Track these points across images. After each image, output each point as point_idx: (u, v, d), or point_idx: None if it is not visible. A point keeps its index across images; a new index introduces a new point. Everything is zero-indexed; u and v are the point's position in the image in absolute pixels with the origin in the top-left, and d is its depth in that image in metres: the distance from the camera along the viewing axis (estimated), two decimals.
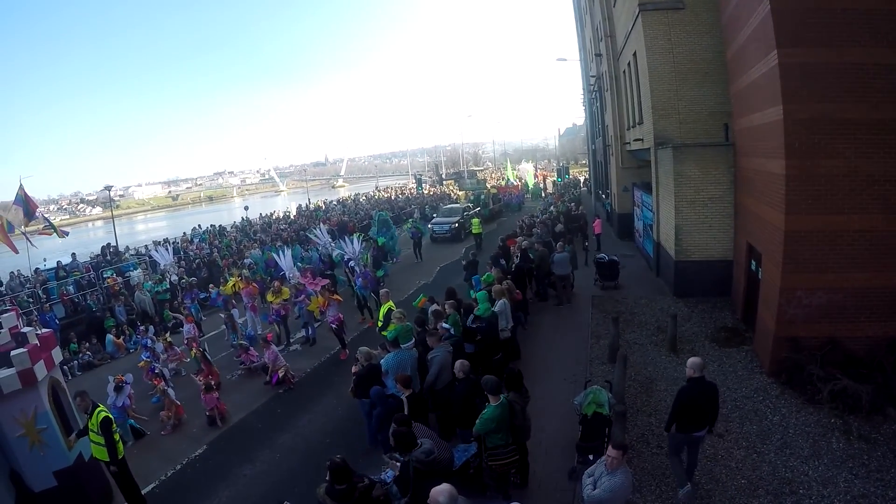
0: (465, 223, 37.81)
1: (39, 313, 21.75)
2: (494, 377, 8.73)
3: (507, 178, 67.33)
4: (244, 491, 10.95)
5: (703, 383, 8.74)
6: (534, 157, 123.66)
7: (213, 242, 37.06)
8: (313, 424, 13.27)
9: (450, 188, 67.15)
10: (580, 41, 51.23)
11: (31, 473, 10.00)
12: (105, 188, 50.09)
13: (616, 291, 20.43)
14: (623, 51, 26.52)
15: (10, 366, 9.59)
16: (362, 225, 35.04)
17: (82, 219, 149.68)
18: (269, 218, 50.18)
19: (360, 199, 63.35)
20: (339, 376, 15.49)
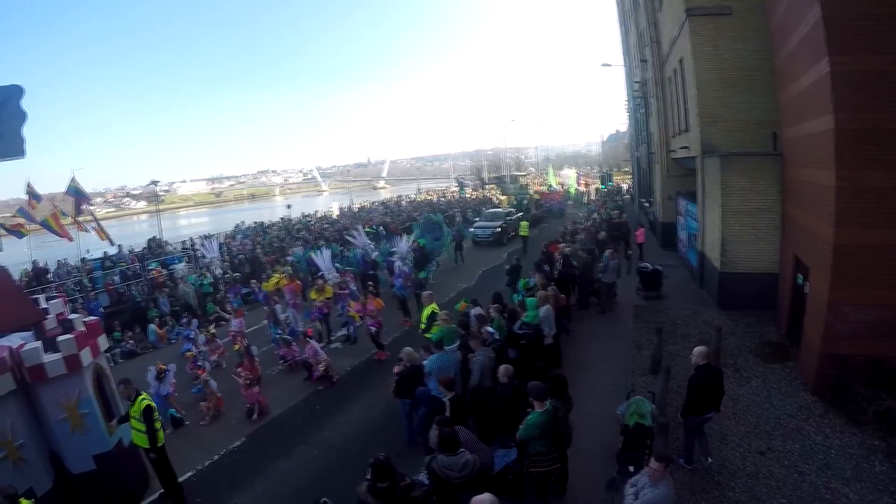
0: (507, 228, 37.69)
1: (85, 301, 22.29)
2: (540, 383, 8.70)
3: (549, 183, 66.96)
4: (280, 485, 11.09)
5: (710, 369, 9.83)
6: (576, 163, 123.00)
7: (256, 239, 37.42)
8: (352, 422, 13.35)
9: (492, 192, 66.86)
10: (624, 46, 50.83)
11: (70, 456, 10.26)
12: (151, 183, 50.94)
13: (659, 302, 20.10)
14: (669, 56, 26.14)
15: (56, 351, 9.85)
16: (404, 227, 35.05)
17: (127, 212, 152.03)
18: (312, 216, 50.57)
19: (402, 201, 63.36)
20: (379, 376, 15.59)
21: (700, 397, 9.68)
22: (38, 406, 10.06)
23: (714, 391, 9.76)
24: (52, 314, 11.63)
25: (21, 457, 9.52)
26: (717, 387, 9.78)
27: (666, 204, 29.40)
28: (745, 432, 11.10)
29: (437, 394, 10.23)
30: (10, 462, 9.32)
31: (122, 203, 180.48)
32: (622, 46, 51.94)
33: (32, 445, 9.83)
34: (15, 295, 11.19)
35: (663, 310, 19.05)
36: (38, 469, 9.86)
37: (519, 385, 9.57)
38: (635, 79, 41.00)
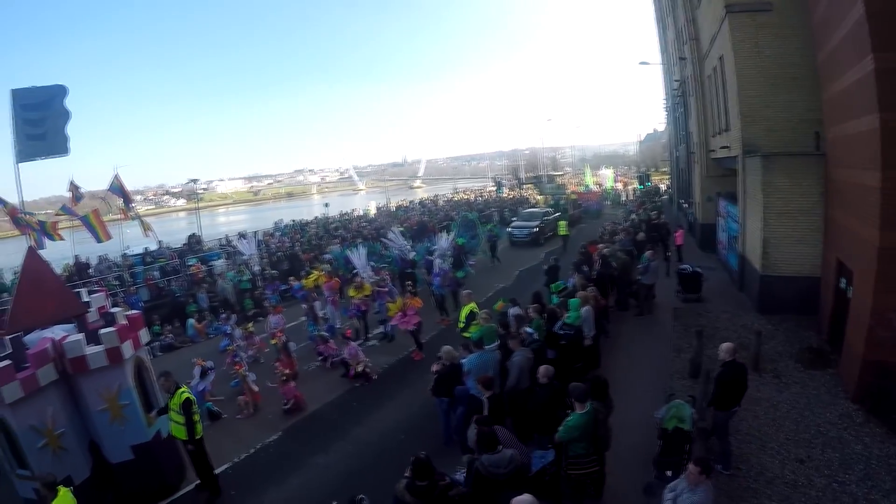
0: (545, 228, 37.52)
1: (125, 295, 22.65)
2: (582, 384, 8.64)
3: (586, 183, 66.60)
4: (316, 480, 11.14)
5: (736, 365, 9.87)
6: (613, 162, 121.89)
7: (295, 237, 37.74)
8: (388, 420, 13.38)
9: (529, 192, 66.65)
10: (662, 44, 50.28)
11: (109, 445, 10.47)
12: (190, 181, 51.56)
13: (698, 304, 19.78)
14: (708, 54, 25.74)
15: (98, 343, 10.03)
16: (441, 226, 35.10)
17: (166, 209, 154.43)
18: (350, 215, 50.83)
19: (439, 200, 63.46)
20: (416, 374, 15.61)
21: (727, 393, 9.83)
22: (79, 396, 10.27)
23: (739, 386, 9.91)
24: (94, 308, 11.84)
25: (61, 445, 9.72)
26: (742, 382, 9.91)
27: (705, 205, 29.05)
28: (783, 439, 10.90)
29: (475, 393, 10.21)
30: (50, 450, 9.52)
31: (162, 201, 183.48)
32: (660, 44, 51.41)
33: (72, 434, 10.03)
34: (57, 288, 11.37)
35: (703, 313, 18.75)
36: (77, 458, 10.07)
37: (558, 386, 9.53)
38: (674, 77, 40.41)
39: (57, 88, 11.98)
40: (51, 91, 11.87)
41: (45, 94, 11.88)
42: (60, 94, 11.92)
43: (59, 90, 11.97)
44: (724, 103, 22.50)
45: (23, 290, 10.67)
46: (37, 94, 11.87)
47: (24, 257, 11.18)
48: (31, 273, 10.89)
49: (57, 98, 11.89)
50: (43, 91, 11.93)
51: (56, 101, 11.86)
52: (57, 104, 11.88)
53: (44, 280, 11.03)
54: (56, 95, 11.88)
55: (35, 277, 10.87)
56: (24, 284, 10.79)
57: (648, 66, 41.29)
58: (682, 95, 35.79)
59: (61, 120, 11.86)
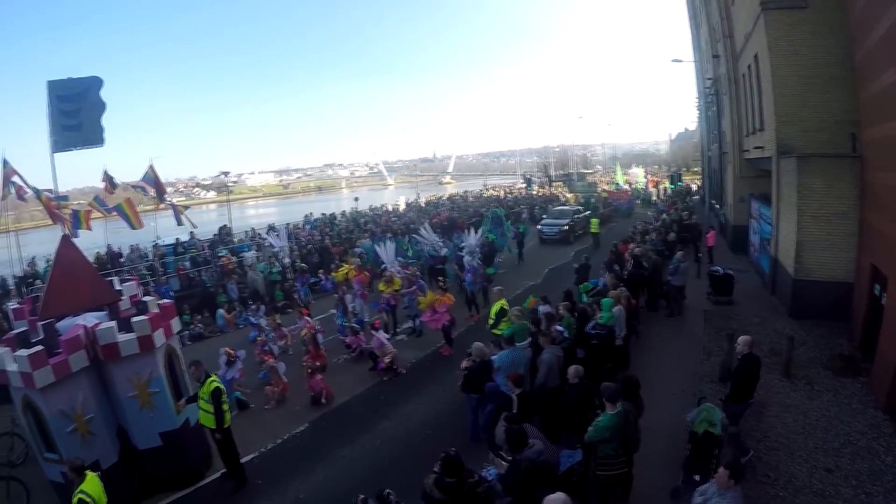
0: (575, 226, 37.34)
1: (156, 285, 22.95)
2: (614, 384, 8.57)
3: (616, 182, 66.20)
4: (342, 472, 11.19)
5: (753, 358, 10.10)
6: (643, 161, 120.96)
7: (325, 230, 38.00)
8: (415, 414, 13.40)
9: (559, 190, 66.33)
10: (695, 41, 49.63)
11: (137, 432, 10.65)
12: (221, 174, 52.14)
13: (729, 307, 19.51)
14: (743, 52, 25.28)
15: (130, 331, 10.18)
16: (471, 222, 35.03)
17: (197, 201, 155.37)
18: (380, 209, 51.01)
19: (468, 197, 63.42)
20: (444, 369, 15.66)
21: (745, 386, 10.06)
22: (110, 383, 10.44)
23: (755, 378, 10.17)
24: (126, 296, 12.05)
25: (90, 430, 9.90)
26: (756, 374, 10.17)
27: (738, 206, 28.49)
28: (812, 448, 10.73)
29: (505, 390, 10.19)
30: (79, 435, 9.69)
31: (193, 192, 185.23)
32: (692, 41, 50.76)
33: (101, 420, 10.22)
34: (90, 276, 11.54)
35: (734, 316, 18.51)
36: (105, 443, 10.26)
37: (588, 386, 9.48)
38: (706, 75, 39.80)
39: (92, 80, 12.11)
40: (86, 82, 11.99)
41: (80, 86, 12.00)
42: (96, 86, 12.04)
43: (95, 81, 12.09)
44: (759, 102, 22.11)
45: (56, 278, 10.85)
46: (72, 85, 12.00)
47: (57, 245, 11.35)
48: (64, 261, 11.07)
49: (92, 89, 12.00)
50: (78, 82, 12.06)
51: (91, 93, 11.98)
52: (92, 95, 11.99)
53: (77, 268, 11.21)
54: (91, 87, 12.00)
55: (68, 265, 11.05)
56: (57, 272, 10.96)
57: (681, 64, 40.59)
58: (716, 94, 35.17)
59: (97, 111, 11.97)
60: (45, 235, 19.05)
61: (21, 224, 23.97)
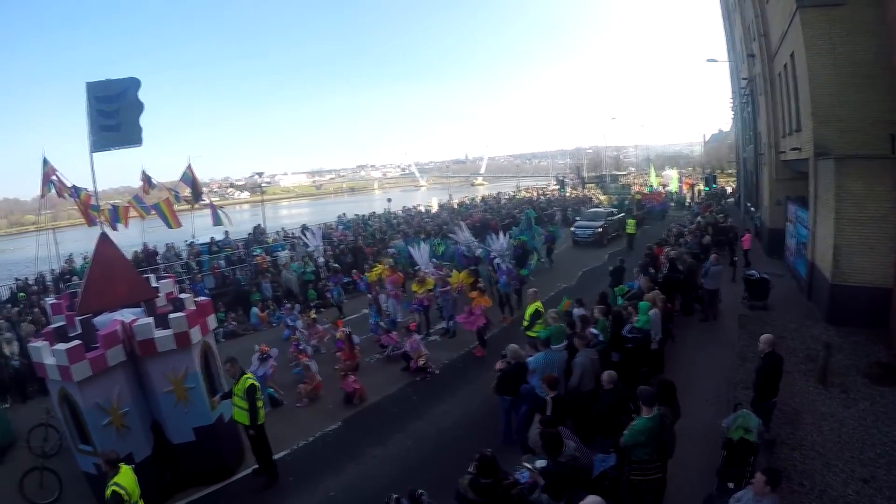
0: (608, 228, 37.02)
1: (191, 283, 23.30)
2: (651, 388, 8.48)
3: (650, 184, 65.71)
4: (373, 471, 11.22)
5: (775, 356, 10.27)
6: (677, 163, 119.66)
7: (358, 230, 38.20)
8: (447, 415, 13.41)
9: (591, 192, 65.98)
10: (729, 40, 48.72)
11: (172, 427, 10.83)
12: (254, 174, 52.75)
13: (764, 312, 19.15)
14: (778, 51, 24.74)
15: (167, 327, 10.33)
16: (504, 224, 34.96)
17: (230, 202, 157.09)
18: (412, 210, 51.29)
19: (501, 198, 63.33)
20: (476, 371, 15.62)
21: (768, 384, 10.20)
22: (145, 378, 10.63)
23: (777, 377, 10.28)
24: (163, 293, 12.28)
25: (125, 424, 10.10)
26: (779, 373, 10.31)
27: (774, 209, 28.08)
28: (848, 457, 10.51)
29: (539, 392, 10.16)
30: (113, 428, 9.89)
31: (227, 193, 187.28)
32: (726, 40, 49.83)
33: (136, 414, 10.42)
34: (128, 273, 11.74)
35: (770, 321, 18.08)
36: (139, 436, 10.45)
37: (623, 389, 9.40)
38: (741, 75, 39.11)
39: (130, 81, 12.24)
40: (124, 83, 12.12)
41: (118, 87, 12.14)
42: (134, 87, 12.17)
43: (133, 82, 12.23)
44: (795, 103, 21.67)
45: (94, 274, 11.07)
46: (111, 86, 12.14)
47: (96, 242, 11.55)
48: (102, 258, 11.28)
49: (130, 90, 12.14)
50: (117, 83, 12.20)
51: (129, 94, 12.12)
52: (130, 96, 12.13)
53: (115, 265, 11.43)
54: (129, 88, 12.13)
55: (107, 262, 11.27)
56: (95, 269, 11.17)
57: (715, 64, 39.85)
58: (751, 94, 34.72)
59: (135, 111, 12.10)
60: (80, 233, 19.49)
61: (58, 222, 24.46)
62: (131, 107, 11.99)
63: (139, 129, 12.15)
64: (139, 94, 12.17)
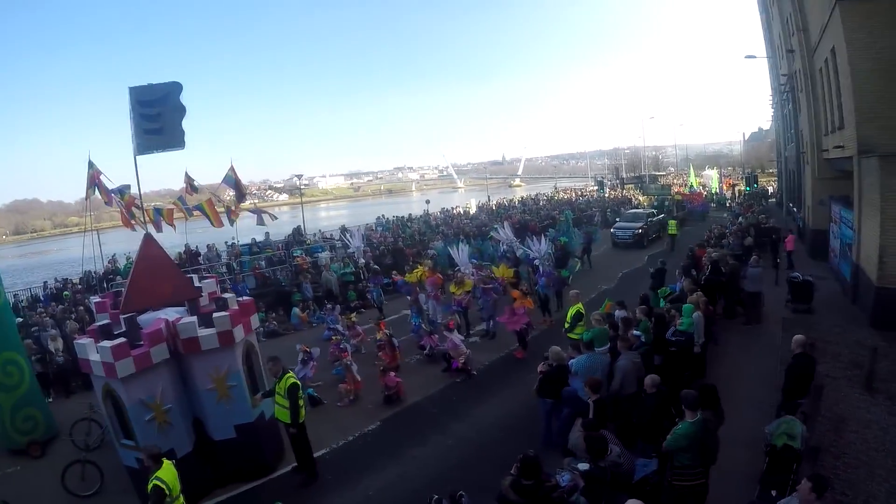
0: (648, 229, 36.70)
1: (233, 283, 23.65)
2: (694, 392, 8.36)
3: (690, 184, 65.03)
4: (413, 471, 11.25)
5: (806, 357, 10.46)
6: (717, 162, 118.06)
7: (397, 232, 38.51)
8: (487, 417, 13.38)
9: (631, 192, 65.43)
10: (767, 36, 47.58)
11: (213, 424, 11.00)
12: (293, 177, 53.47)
13: (808, 316, 18.68)
14: (819, 45, 24.04)
15: (210, 326, 10.50)
16: (543, 225, 34.85)
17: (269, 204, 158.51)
18: (451, 212, 51.48)
19: (539, 199, 63.14)
20: (517, 373, 15.56)
21: (796, 384, 10.33)
22: (188, 375, 10.82)
23: (807, 378, 10.42)
24: (205, 293, 12.51)
25: (167, 420, 10.29)
26: (809, 374, 10.46)
27: (817, 209, 27.29)
28: (892, 466, 10.20)
29: (581, 395, 10.12)
30: (156, 423, 10.09)
31: (266, 195, 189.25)
32: (764, 36, 48.93)
33: (178, 411, 10.61)
34: (172, 273, 11.95)
35: (814, 325, 17.63)
36: (181, 433, 10.63)
37: (666, 392, 9.31)
38: (781, 71, 38.60)
39: (172, 85, 12.46)
40: (166, 87, 12.34)
41: (161, 91, 12.36)
42: (176, 91, 12.38)
43: (175, 86, 12.44)
44: (837, 99, 21.04)
45: (139, 274, 11.30)
46: (153, 90, 12.37)
47: (141, 242, 11.79)
48: (147, 258, 11.51)
49: (172, 94, 12.35)
50: (159, 88, 12.42)
51: (172, 97, 12.33)
52: (173, 100, 12.36)
53: (159, 265, 11.66)
54: (172, 92, 12.35)
55: (151, 262, 11.51)
56: (140, 268, 11.40)
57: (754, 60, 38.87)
58: (791, 91, 34.07)
59: (177, 115, 12.31)
60: (123, 235, 19.90)
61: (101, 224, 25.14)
62: (174, 110, 12.21)
63: (182, 132, 12.37)
64: (181, 97, 12.36)
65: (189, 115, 12.49)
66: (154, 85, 12.22)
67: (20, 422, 13.43)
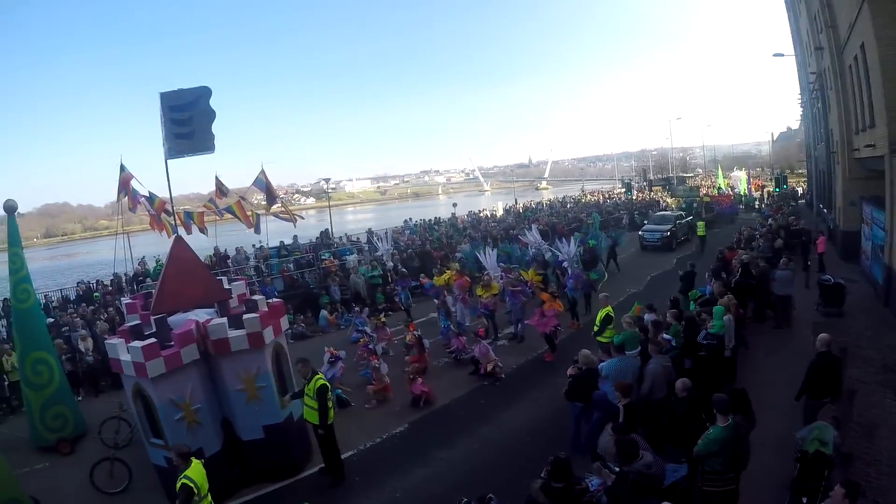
0: (677, 232, 36.45)
1: (261, 285, 23.77)
2: (726, 396, 8.25)
3: (718, 186, 64.47)
4: (440, 474, 11.25)
5: (830, 356, 10.44)
6: (745, 163, 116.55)
7: (424, 235, 38.58)
8: (515, 420, 13.32)
9: (658, 194, 64.95)
10: (794, 33, 47.02)
11: (242, 424, 11.12)
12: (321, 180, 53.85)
13: (839, 320, 18.22)
14: (848, 42, 23.48)
15: (240, 327, 10.63)
16: (570, 227, 34.71)
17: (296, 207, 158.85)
18: (478, 215, 51.44)
19: (567, 202, 62.92)
20: (545, 376, 15.50)
21: (816, 381, 10.37)
22: (218, 376, 10.96)
23: (832, 378, 10.37)
24: (235, 295, 12.70)
25: (196, 419, 10.44)
26: (834, 374, 10.42)
27: (848, 210, 26.71)
28: None
29: (611, 399, 10.08)
30: (185, 423, 10.24)
31: (293, 199, 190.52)
32: (792, 33, 48.25)
33: (207, 411, 10.75)
34: (202, 275, 12.08)
35: (845, 329, 17.18)
36: (209, 432, 10.77)
37: (698, 397, 9.23)
38: (809, 69, 38.02)
39: (202, 90, 12.60)
40: (196, 92, 12.48)
41: (190, 95, 12.52)
42: (205, 95, 12.52)
43: (204, 91, 12.58)
44: (868, 97, 20.63)
45: (169, 276, 11.43)
46: (183, 95, 12.55)
47: (171, 244, 11.95)
48: (177, 260, 11.63)
49: (202, 98, 12.49)
50: (189, 92, 12.57)
51: (201, 102, 12.47)
52: (202, 104, 12.50)
53: (189, 267, 11.78)
54: (201, 96, 12.48)
55: (181, 264, 11.64)
56: (170, 270, 11.53)
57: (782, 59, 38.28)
58: (820, 89, 33.48)
59: (207, 119, 12.45)
60: (152, 238, 20.24)
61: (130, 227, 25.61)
62: (203, 115, 12.35)
63: (211, 137, 12.52)
64: (210, 102, 12.51)
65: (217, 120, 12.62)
66: (184, 90, 12.38)
67: (50, 419, 13.69)
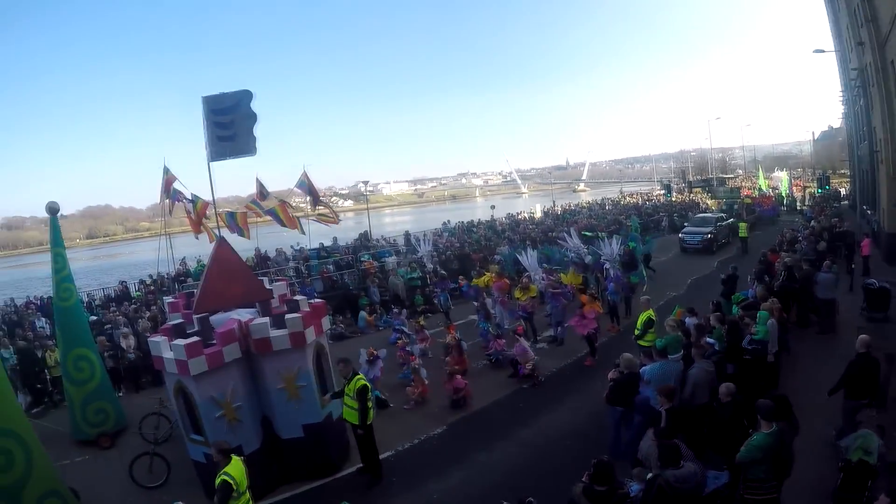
0: (718, 234, 35.66)
1: (301, 286, 24.17)
2: (770, 402, 8.07)
3: (759, 187, 63.55)
4: (477, 476, 11.21)
5: (869, 358, 10.41)
6: (786, 164, 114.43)
7: (463, 237, 38.71)
8: (554, 423, 13.21)
9: (699, 196, 64.16)
10: (834, 29, 45.77)
11: (281, 422, 11.23)
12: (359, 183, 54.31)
13: (885, 325, 17.38)
14: (889, 37, 22.93)
15: (282, 327, 10.71)
16: (610, 230, 34.38)
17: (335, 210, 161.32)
18: (516, 217, 51.43)
19: (605, 204, 62.51)
20: (585, 380, 15.39)
21: (853, 381, 10.45)
22: (259, 374, 11.07)
23: (870, 380, 10.38)
24: (276, 295, 12.80)
25: (237, 417, 10.57)
26: (872, 376, 10.40)
27: (892, 211, 26.13)
28: None
29: (653, 403, 9.94)
30: (225, 420, 10.37)
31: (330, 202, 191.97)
32: (831, 28, 47.13)
33: (248, 409, 10.89)
34: (244, 275, 12.22)
35: (891, 335, 16.30)
36: (249, 430, 10.90)
37: (742, 402, 9.08)
38: (851, 65, 37.22)
39: (243, 93, 12.77)
40: (237, 96, 12.66)
41: (232, 99, 12.68)
42: (247, 98, 12.69)
43: (246, 94, 12.75)
44: None
45: (212, 275, 11.59)
46: (225, 99, 12.72)
47: (214, 245, 12.14)
48: (220, 260, 11.79)
49: (244, 102, 12.66)
50: (230, 96, 12.74)
51: (243, 105, 12.65)
52: (244, 107, 12.67)
53: (232, 267, 11.93)
54: (243, 100, 12.66)
55: (224, 264, 11.80)
56: (213, 270, 11.69)
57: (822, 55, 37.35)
58: (862, 86, 32.38)
59: (248, 122, 12.61)
60: (192, 239, 20.55)
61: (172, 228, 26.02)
62: (245, 118, 12.50)
63: (253, 139, 12.66)
64: (252, 105, 12.64)
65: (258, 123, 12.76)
66: (226, 93, 12.52)
67: (91, 414, 13.96)
